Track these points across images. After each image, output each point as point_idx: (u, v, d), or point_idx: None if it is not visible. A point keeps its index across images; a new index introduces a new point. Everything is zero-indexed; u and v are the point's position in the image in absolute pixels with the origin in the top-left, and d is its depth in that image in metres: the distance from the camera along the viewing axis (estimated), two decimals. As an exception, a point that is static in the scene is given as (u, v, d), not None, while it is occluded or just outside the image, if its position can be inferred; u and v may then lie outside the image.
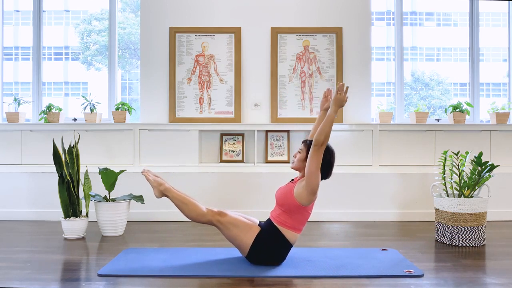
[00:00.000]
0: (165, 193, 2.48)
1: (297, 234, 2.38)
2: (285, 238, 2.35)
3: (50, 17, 4.61)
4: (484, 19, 4.41)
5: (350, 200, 3.73)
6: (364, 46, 4.01)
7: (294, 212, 2.34)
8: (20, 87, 4.46)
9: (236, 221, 2.37)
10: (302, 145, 2.46)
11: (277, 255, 2.36)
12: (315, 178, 2.27)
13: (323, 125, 2.25)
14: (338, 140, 3.82)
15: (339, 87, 2.32)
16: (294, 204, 2.33)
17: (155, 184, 2.50)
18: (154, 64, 3.99)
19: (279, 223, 2.36)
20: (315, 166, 2.26)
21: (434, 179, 3.48)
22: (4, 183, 3.75)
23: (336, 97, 2.31)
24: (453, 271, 2.34)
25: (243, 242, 2.34)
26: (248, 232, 2.34)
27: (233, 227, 2.35)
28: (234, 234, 2.35)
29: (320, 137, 2.24)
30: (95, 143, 3.84)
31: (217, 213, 2.39)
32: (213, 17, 4.00)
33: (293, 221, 2.35)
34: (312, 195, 2.31)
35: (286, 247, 2.37)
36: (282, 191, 2.43)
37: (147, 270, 2.30)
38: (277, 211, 2.40)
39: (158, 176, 2.56)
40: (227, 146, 3.95)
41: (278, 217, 2.37)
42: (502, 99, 4.50)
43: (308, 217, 2.41)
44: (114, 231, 3.15)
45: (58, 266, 2.43)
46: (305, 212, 2.37)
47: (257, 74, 4.00)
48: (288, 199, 2.35)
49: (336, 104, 2.31)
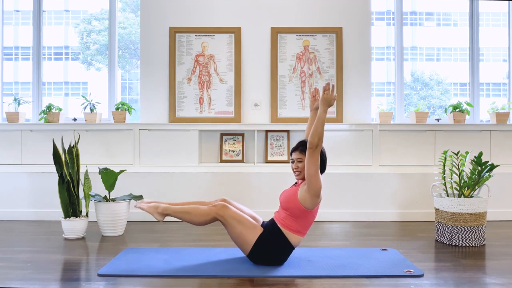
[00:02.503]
0: (165, 213, 2.43)
1: (301, 237, 2.37)
2: (288, 241, 2.33)
3: (50, 17, 4.61)
4: (484, 19, 4.41)
5: (350, 200, 3.73)
6: (364, 46, 4.01)
7: (299, 216, 2.32)
8: (20, 87, 4.46)
9: (239, 217, 2.34)
10: (298, 153, 2.40)
11: (279, 257, 2.36)
12: (316, 180, 2.26)
13: (315, 127, 2.23)
14: (338, 140, 3.82)
15: (325, 86, 2.31)
16: (299, 208, 2.31)
17: (151, 210, 2.45)
18: (154, 64, 3.99)
19: (284, 226, 2.34)
20: (314, 169, 2.25)
21: (434, 179, 3.48)
22: (4, 183, 3.75)
23: (323, 97, 2.30)
24: (453, 271, 2.34)
25: (246, 241, 2.33)
26: (252, 231, 2.32)
27: (237, 224, 2.32)
28: (237, 232, 2.33)
29: (314, 139, 2.23)
30: (95, 143, 3.83)
31: (219, 208, 2.34)
32: (213, 17, 4.00)
33: (298, 225, 2.34)
34: (316, 197, 2.29)
35: (288, 249, 2.36)
36: (286, 195, 2.41)
37: (147, 270, 2.30)
38: (282, 214, 2.38)
39: (150, 202, 2.51)
40: (227, 146, 3.95)
41: (283, 220, 2.35)
42: (502, 99, 4.50)
43: (313, 220, 2.39)
44: (114, 231, 3.15)
45: (58, 266, 2.43)
46: (310, 215, 2.35)
47: (257, 74, 4.00)
48: (292, 202, 2.33)
49: (324, 104, 2.29)
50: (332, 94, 2.31)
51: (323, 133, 2.24)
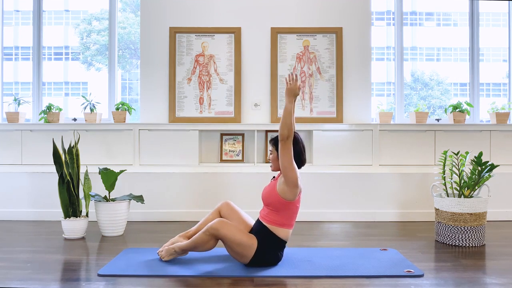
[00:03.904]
0: (183, 251, 2.44)
1: (289, 230, 2.38)
2: (277, 236, 2.34)
3: (50, 17, 4.61)
4: (484, 19, 4.41)
5: (350, 200, 3.73)
6: (364, 46, 4.01)
7: (281, 209, 2.34)
8: (20, 87, 4.46)
9: (235, 237, 2.27)
10: (270, 145, 2.45)
11: (274, 256, 2.37)
12: (291, 171, 2.27)
13: (283, 118, 2.25)
14: (338, 140, 3.82)
15: (288, 77, 2.33)
16: (279, 201, 2.32)
17: (171, 257, 2.46)
18: (154, 64, 3.99)
19: (269, 222, 2.35)
20: (288, 160, 2.26)
21: (434, 179, 3.49)
22: (4, 183, 3.75)
23: (287, 88, 2.32)
24: (453, 271, 2.34)
25: (243, 257, 2.32)
26: (249, 249, 2.29)
27: (233, 245, 2.28)
28: (235, 251, 2.30)
29: (284, 131, 2.24)
30: (95, 143, 3.83)
31: (214, 232, 2.29)
32: (213, 17, 4.00)
33: (281, 218, 2.35)
34: (295, 187, 2.30)
35: (280, 245, 2.37)
36: (267, 190, 2.43)
37: (147, 270, 2.30)
38: (265, 210, 2.41)
39: (162, 250, 2.50)
40: (227, 146, 3.95)
41: (267, 216, 2.37)
42: (502, 99, 4.50)
43: (297, 211, 2.40)
44: (114, 231, 3.15)
45: (58, 266, 2.43)
46: (293, 206, 2.36)
47: (257, 74, 4.00)
48: (272, 197, 2.35)
49: (289, 94, 2.31)
50: (296, 84, 2.32)
51: (291, 124, 2.25)
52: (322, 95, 3.96)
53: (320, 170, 3.77)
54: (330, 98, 3.96)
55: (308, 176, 3.74)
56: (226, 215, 2.56)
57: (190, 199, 3.72)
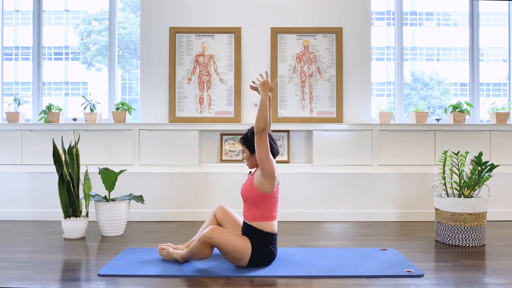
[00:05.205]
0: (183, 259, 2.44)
1: (272, 222, 2.39)
2: (265, 232, 2.34)
3: (50, 17, 4.61)
4: (484, 19, 4.41)
5: (350, 200, 3.73)
6: (364, 46, 4.01)
7: (259, 202, 2.35)
8: (20, 87, 4.46)
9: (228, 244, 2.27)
10: (241, 145, 2.48)
11: (271, 254, 2.37)
12: (268, 164, 2.29)
13: (259, 111, 2.28)
14: (338, 140, 3.82)
15: (259, 76, 2.48)
16: (257, 195, 2.34)
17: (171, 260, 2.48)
18: (154, 64, 3.99)
19: (251, 219, 2.36)
20: (264, 153, 2.28)
21: (434, 179, 3.49)
22: (4, 183, 3.75)
23: (261, 82, 2.42)
24: (453, 271, 2.34)
25: (241, 261, 2.32)
26: (244, 252, 2.29)
27: (228, 251, 2.28)
28: (231, 257, 2.31)
29: (260, 123, 2.26)
30: (95, 143, 3.83)
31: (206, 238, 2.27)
32: (213, 17, 4.00)
33: (262, 212, 2.36)
34: (272, 179, 2.32)
35: (271, 240, 2.37)
36: (245, 186, 2.45)
37: (147, 270, 2.30)
38: (246, 207, 2.42)
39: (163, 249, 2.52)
40: (227, 146, 3.95)
41: (247, 213, 2.39)
42: (502, 99, 4.50)
43: (276, 202, 2.41)
44: (114, 231, 3.15)
45: (58, 266, 2.43)
46: (271, 198, 2.37)
47: (257, 74, 3.99)
48: (250, 192, 2.37)
49: (264, 88, 2.39)
50: (267, 79, 2.44)
51: (267, 116, 2.29)
52: (322, 95, 3.96)
53: (320, 170, 3.77)
54: (330, 98, 3.96)
55: (308, 176, 3.74)
56: (222, 219, 2.58)
57: (190, 199, 3.72)
